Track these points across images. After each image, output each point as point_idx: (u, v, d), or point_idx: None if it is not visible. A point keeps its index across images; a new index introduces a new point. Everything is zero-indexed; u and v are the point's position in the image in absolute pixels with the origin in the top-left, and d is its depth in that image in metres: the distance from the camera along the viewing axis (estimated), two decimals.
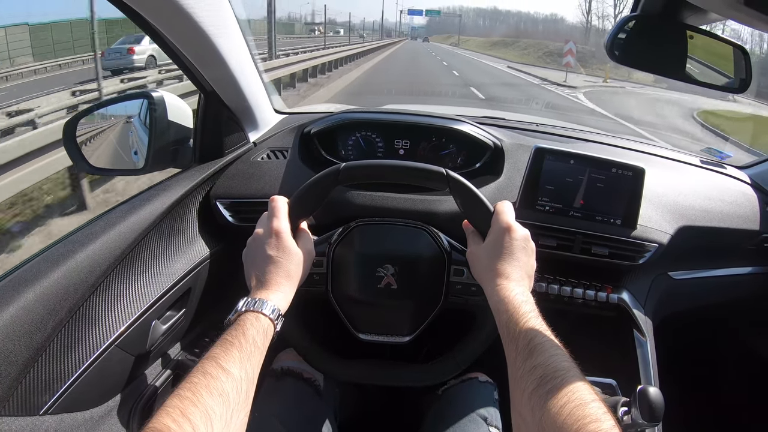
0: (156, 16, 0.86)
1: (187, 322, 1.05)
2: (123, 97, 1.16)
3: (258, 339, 0.67)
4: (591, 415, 0.52)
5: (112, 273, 0.85)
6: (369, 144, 1.28)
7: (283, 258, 0.77)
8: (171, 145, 1.09)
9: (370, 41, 44.61)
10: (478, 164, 1.25)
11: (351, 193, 1.10)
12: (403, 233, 0.94)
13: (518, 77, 20.88)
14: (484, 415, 0.96)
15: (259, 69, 1.23)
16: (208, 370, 0.59)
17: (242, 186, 1.14)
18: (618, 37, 0.90)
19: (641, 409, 0.72)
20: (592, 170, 1.10)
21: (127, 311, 0.86)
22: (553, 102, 11.87)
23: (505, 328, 0.70)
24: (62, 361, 0.75)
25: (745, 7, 0.51)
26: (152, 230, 0.95)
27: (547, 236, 1.11)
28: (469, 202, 0.85)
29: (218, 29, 0.96)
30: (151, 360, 0.96)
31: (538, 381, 0.58)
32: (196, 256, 1.05)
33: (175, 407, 0.53)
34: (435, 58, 31.42)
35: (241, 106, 1.19)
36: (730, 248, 1.31)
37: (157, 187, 1.03)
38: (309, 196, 0.85)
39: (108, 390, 0.84)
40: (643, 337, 1.12)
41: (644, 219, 1.11)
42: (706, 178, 1.39)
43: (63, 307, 0.75)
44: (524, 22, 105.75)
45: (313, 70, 14.07)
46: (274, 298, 0.73)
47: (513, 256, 0.78)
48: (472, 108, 2.87)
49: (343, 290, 0.92)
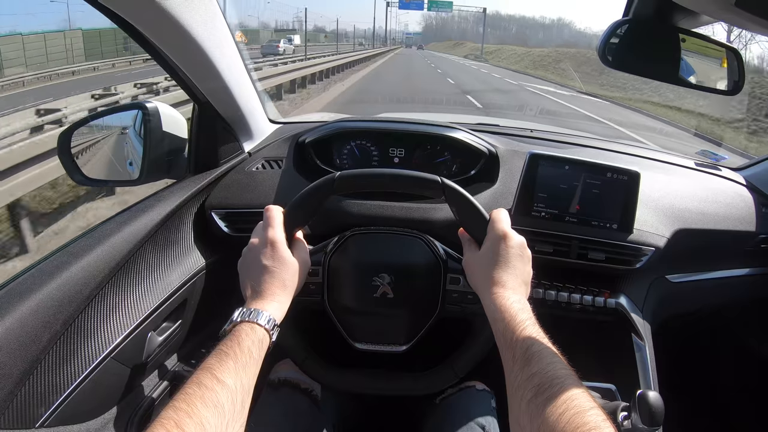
0: (149, 28, 0.86)
1: (183, 333, 1.05)
2: (117, 108, 1.17)
3: (253, 349, 0.67)
4: (590, 422, 0.52)
5: (108, 285, 0.85)
6: (364, 153, 1.28)
7: (278, 268, 0.77)
8: (166, 156, 1.09)
9: (351, 51, 33.69)
10: (473, 171, 1.25)
11: (346, 202, 1.10)
12: (399, 242, 0.94)
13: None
14: (482, 424, 0.96)
15: (253, 78, 1.23)
16: (203, 381, 0.59)
17: (237, 196, 1.14)
18: (610, 42, 0.91)
19: (641, 414, 0.72)
20: (587, 175, 1.10)
21: (123, 323, 0.85)
22: (547, 108, 11.79)
23: (501, 336, 0.69)
24: (58, 373, 0.74)
25: (736, 9, 0.51)
26: (147, 241, 0.94)
27: (544, 242, 1.10)
28: (465, 210, 0.85)
29: (211, 40, 0.96)
30: (147, 371, 0.95)
31: (536, 389, 0.58)
32: (192, 267, 1.05)
33: (169, 419, 0.53)
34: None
35: (235, 115, 1.19)
36: (727, 250, 1.31)
37: (152, 198, 1.03)
38: (304, 206, 0.85)
39: (104, 402, 0.84)
40: (642, 341, 1.12)
41: (640, 223, 1.11)
42: (702, 181, 1.39)
43: (58, 319, 0.74)
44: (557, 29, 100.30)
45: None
46: (269, 308, 0.73)
47: (509, 264, 0.77)
48: (466, 115, 2.88)
49: (339, 300, 0.91)
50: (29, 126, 6.92)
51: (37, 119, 7.21)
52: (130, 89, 10.29)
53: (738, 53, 0.98)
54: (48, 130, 6.61)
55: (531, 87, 18.58)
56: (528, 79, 23.40)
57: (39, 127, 7.01)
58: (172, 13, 0.83)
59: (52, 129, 6.59)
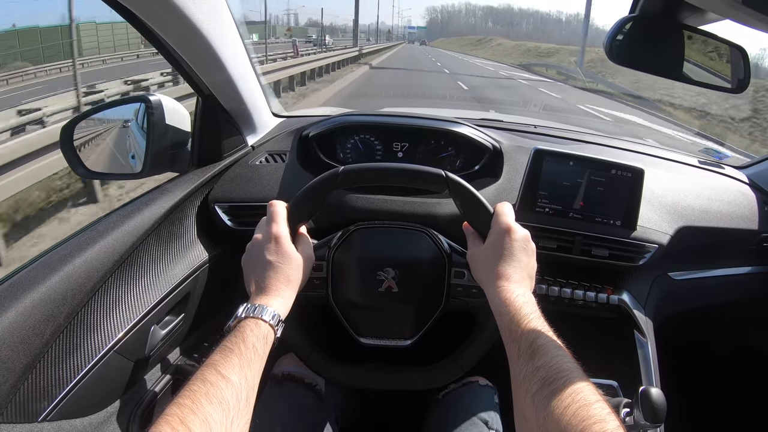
0: (155, 20, 0.85)
1: (186, 327, 1.05)
2: (120, 101, 1.16)
3: (258, 345, 0.66)
4: (595, 415, 0.52)
5: (111, 278, 0.84)
6: (367, 147, 1.28)
7: (282, 263, 0.77)
8: (169, 149, 1.09)
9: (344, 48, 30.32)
10: (477, 166, 1.24)
11: (350, 196, 1.10)
12: (403, 236, 0.94)
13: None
14: (485, 419, 0.96)
15: (257, 72, 1.23)
16: (207, 377, 0.59)
17: (241, 190, 1.14)
18: (617, 39, 0.90)
19: (643, 410, 0.72)
20: (591, 172, 1.10)
21: (126, 316, 0.85)
22: (551, 104, 11.66)
23: (506, 329, 0.69)
24: (61, 367, 0.74)
25: (743, 7, 0.51)
26: (150, 235, 0.94)
27: (547, 238, 1.10)
28: (469, 204, 0.85)
29: (216, 33, 0.96)
30: (150, 365, 0.95)
31: (542, 382, 0.58)
32: (195, 260, 1.05)
33: (174, 415, 0.53)
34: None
35: (238, 109, 1.19)
36: (730, 248, 1.31)
37: (156, 191, 1.03)
38: (308, 200, 0.84)
39: (107, 396, 0.84)
40: (644, 338, 1.12)
41: (644, 220, 1.11)
42: (705, 179, 1.39)
43: (61, 312, 0.74)
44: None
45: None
46: (273, 303, 0.73)
47: (513, 257, 0.77)
48: (470, 110, 2.86)
49: (343, 294, 0.91)
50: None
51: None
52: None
53: (744, 51, 0.97)
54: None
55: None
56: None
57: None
58: (178, 6, 0.83)
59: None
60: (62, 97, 9.07)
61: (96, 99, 8.59)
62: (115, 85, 10.48)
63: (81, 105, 8.07)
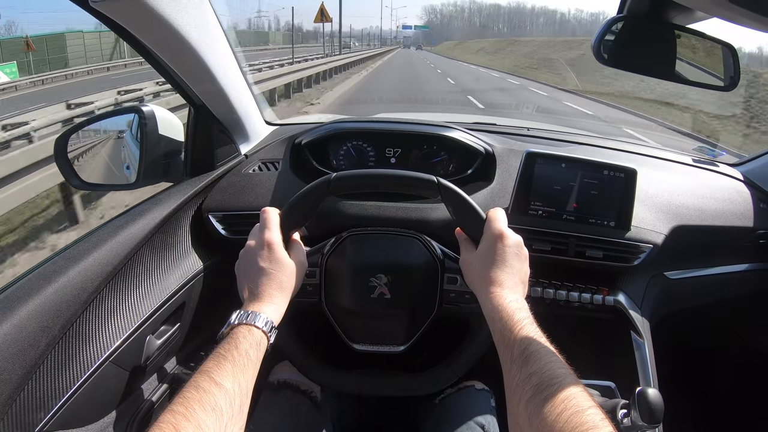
0: (143, 33, 0.86)
1: (182, 336, 1.04)
2: (114, 112, 1.17)
3: (251, 352, 0.66)
4: (588, 422, 0.52)
5: (105, 289, 0.85)
6: (360, 153, 1.28)
7: (275, 270, 0.77)
8: (162, 159, 1.09)
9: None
10: (470, 171, 1.25)
11: (343, 203, 1.10)
12: (396, 242, 0.93)
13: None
14: (482, 423, 0.96)
15: (249, 81, 1.23)
16: (200, 384, 0.59)
17: (234, 199, 1.14)
18: (605, 39, 0.90)
19: (641, 411, 0.72)
20: (583, 173, 1.10)
21: (121, 327, 0.85)
22: (544, 106, 11.61)
23: (499, 336, 0.69)
24: (56, 378, 0.74)
25: (730, 4, 0.51)
26: (144, 245, 0.94)
27: (541, 240, 1.10)
28: (461, 209, 0.85)
29: (205, 43, 0.96)
30: (146, 375, 0.95)
31: (535, 389, 0.58)
32: (190, 270, 1.05)
33: (167, 422, 0.53)
34: None
35: (231, 118, 1.19)
36: (725, 246, 1.31)
37: (149, 202, 1.03)
38: (300, 207, 0.84)
39: (103, 406, 0.84)
40: (641, 339, 1.12)
41: (638, 220, 1.11)
42: (699, 177, 1.39)
43: (56, 323, 0.74)
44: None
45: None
46: (266, 310, 0.73)
47: (506, 263, 0.77)
48: (463, 114, 2.86)
49: (336, 301, 0.91)
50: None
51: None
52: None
53: (733, 49, 0.97)
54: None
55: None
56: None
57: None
58: (165, 17, 0.83)
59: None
60: (48, 110, 8.74)
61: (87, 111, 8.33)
62: (109, 95, 10.14)
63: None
